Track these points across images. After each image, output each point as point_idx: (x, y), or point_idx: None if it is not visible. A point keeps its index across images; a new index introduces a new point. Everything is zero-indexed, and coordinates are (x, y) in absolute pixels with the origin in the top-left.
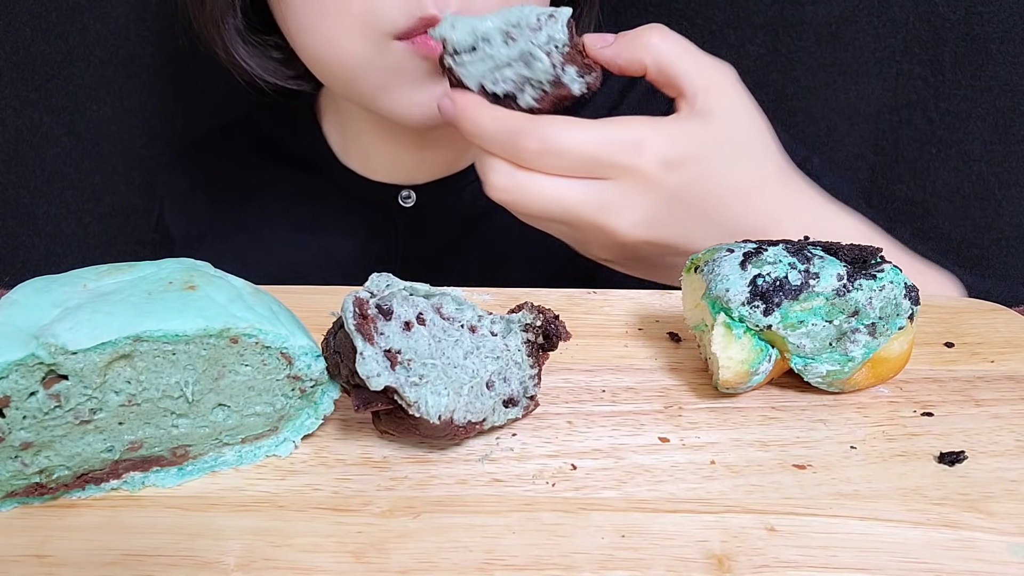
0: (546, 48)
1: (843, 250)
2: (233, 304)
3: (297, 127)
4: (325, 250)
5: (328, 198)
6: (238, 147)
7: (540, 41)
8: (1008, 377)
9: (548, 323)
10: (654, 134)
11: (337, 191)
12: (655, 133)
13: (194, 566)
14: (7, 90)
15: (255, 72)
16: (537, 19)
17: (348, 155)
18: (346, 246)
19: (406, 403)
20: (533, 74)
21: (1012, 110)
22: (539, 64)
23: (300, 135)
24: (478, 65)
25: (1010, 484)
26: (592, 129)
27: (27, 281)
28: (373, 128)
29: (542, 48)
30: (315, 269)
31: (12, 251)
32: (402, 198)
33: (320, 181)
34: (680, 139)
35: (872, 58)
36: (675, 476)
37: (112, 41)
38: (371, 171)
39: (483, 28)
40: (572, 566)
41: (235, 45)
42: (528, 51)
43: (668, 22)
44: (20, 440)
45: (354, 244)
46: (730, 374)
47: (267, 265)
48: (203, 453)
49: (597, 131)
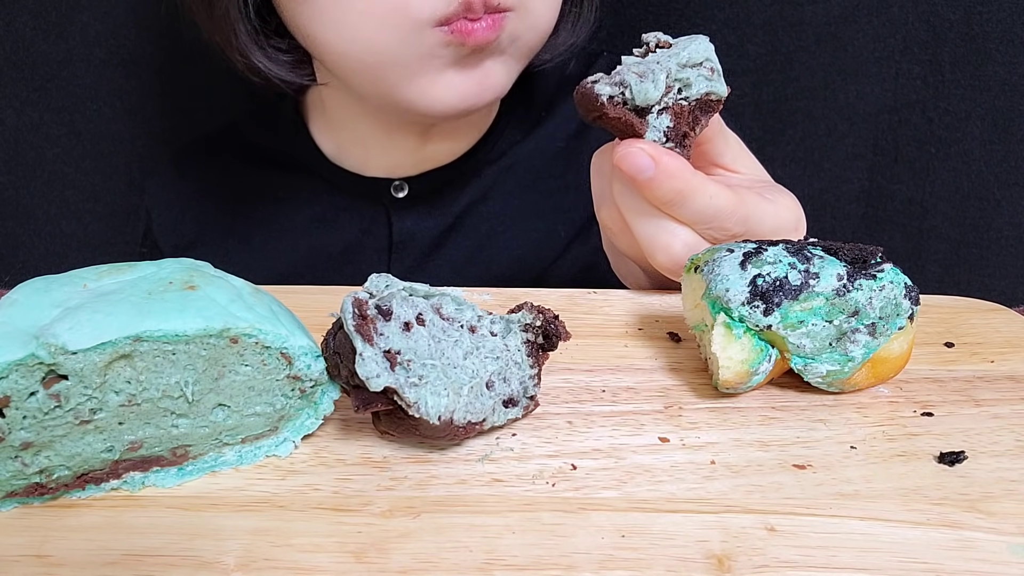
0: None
1: (843, 250)
2: (233, 304)
3: (282, 130)
4: (317, 249)
5: (318, 198)
6: (223, 154)
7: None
8: (1008, 377)
9: (548, 323)
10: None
11: (327, 190)
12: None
13: (194, 566)
14: (7, 90)
15: (273, 74)
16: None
17: (342, 153)
18: (338, 242)
19: (406, 404)
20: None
21: (1011, 110)
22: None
23: (287, 138)
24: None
25: (1010, 484)
26: (783, 212)
27: (27, 281)
28: (371, 125)
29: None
30: (308, 269)
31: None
32: (394, 188)
33: (309, 182)
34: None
35: (872, 58)
36: (675, 476)
37: (112, 41)
38: (367, 168)
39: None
40: (572, 566)
41: (251, 50)
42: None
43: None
44: (20, 440)
45: (346, 240)
46: (730, 374)
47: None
48: (203, 453)
49: (785, 214)
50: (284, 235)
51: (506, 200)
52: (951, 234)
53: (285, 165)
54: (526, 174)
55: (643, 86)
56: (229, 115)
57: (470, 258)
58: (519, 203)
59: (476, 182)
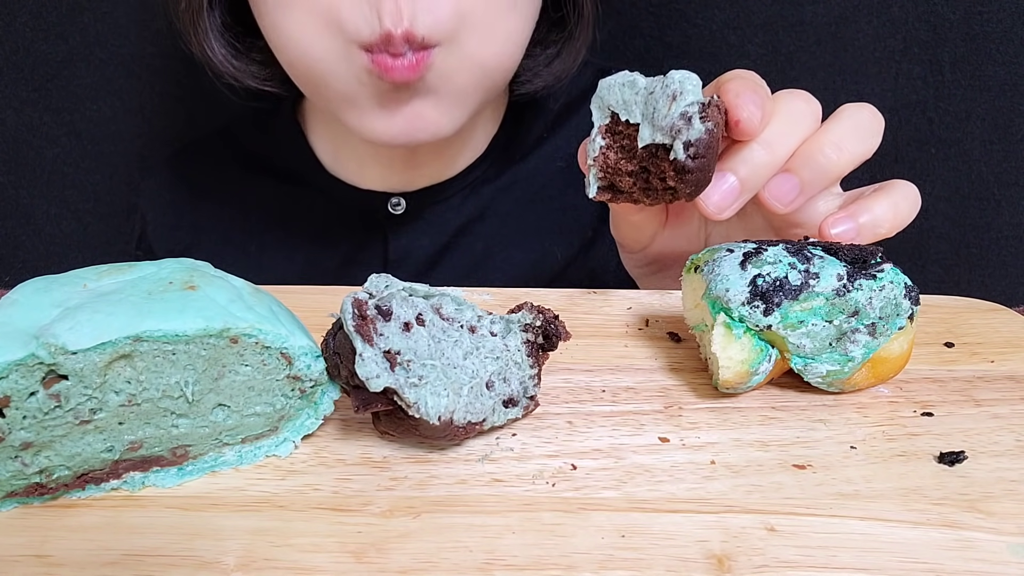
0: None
1: (843, 250)
2: (233, 304)
3: (279, 137)
4: (313, 261)
5: (315, 208)
6: (220, 159)
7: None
8: (1008, 377)
9: (548, 323)
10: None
11: (324, 201)
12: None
13: (194, 566)
14: (7, 90)
15: (230, 73)
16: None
17: (339, 163)
18: (334, 256)
19: (406, 404)
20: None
21: (1011, 110)
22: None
23: (283, 145)
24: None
25: (1010, 484)
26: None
27: (27, 281)
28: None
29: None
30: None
31: (12, 251)
32: (392, 206)
33: (306, 191)
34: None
35: (872, 58)
36: (675, 476)
37: (112, 41)
38: (363, 180)
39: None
40: (572, 566)
41: (210, 43)
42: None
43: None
44: (20, 440)
45: (342, 253)
46: (730, 374)
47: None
48: (203, 453)
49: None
50: (281, 246)
51: (503, 220)
52: (951, 234)
53: (281, 173)
54: (524, 194)
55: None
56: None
57: (465, 277)
58: (516, 223)
59: (473, 200)
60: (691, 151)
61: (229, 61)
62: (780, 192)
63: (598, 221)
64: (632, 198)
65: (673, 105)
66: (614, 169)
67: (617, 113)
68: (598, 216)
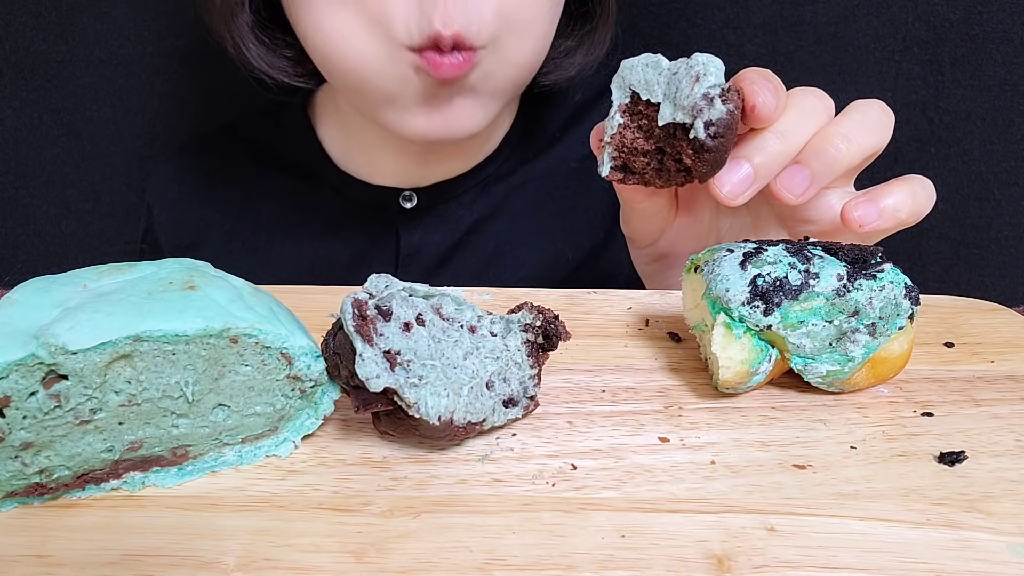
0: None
1: (843, 250)
2: (233, 304)
3: (289, 131)
4: (322, 256)
5: (324, 203)
6: (228, 154)
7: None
8: (1008, 377)
9: (548, 323)
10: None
11: (334, 195)
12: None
13: (194, 566)
14: (7, 90)
15: (263, 69)
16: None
17: (349, 158)
18: (344, 251)
19: (406, 404)
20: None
21: (1011, 110)
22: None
23: (293, 139)
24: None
25: (1010, 484)
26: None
27: (27, 281)
28: (378, 131)
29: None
30: (313, 277)
31: (12, 251)
32: (403, 198)
33: (315, 186)
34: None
35: (872, 58)
36: (675, 476)
37: (112, 41)
38: (373, 175)
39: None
40: (572, 566)
41: (245, 41)
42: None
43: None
44: (20, 440)
45: (352, 249)
46: (730, 374)
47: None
48: (203, 453)
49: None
50: (289, 241)
51: (515, 219)
52: (951, 234)
53: (291, 167)
54: (536, 193)
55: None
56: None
57: (475, 276)
58: (528, 223)
59: (485, 198)
60: (711, 130)
61: (263, 57)
62: (792, 183)
63: (610, 224)
64: (644, 179)
65: (696, 86)
66: (630, 148)
67: (638, 93)
68: (610, 219)
